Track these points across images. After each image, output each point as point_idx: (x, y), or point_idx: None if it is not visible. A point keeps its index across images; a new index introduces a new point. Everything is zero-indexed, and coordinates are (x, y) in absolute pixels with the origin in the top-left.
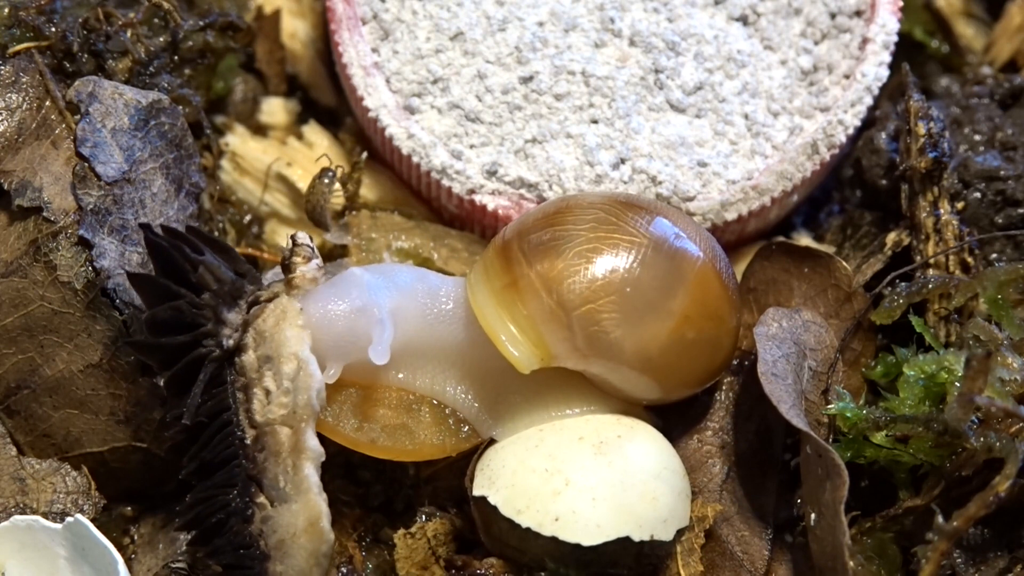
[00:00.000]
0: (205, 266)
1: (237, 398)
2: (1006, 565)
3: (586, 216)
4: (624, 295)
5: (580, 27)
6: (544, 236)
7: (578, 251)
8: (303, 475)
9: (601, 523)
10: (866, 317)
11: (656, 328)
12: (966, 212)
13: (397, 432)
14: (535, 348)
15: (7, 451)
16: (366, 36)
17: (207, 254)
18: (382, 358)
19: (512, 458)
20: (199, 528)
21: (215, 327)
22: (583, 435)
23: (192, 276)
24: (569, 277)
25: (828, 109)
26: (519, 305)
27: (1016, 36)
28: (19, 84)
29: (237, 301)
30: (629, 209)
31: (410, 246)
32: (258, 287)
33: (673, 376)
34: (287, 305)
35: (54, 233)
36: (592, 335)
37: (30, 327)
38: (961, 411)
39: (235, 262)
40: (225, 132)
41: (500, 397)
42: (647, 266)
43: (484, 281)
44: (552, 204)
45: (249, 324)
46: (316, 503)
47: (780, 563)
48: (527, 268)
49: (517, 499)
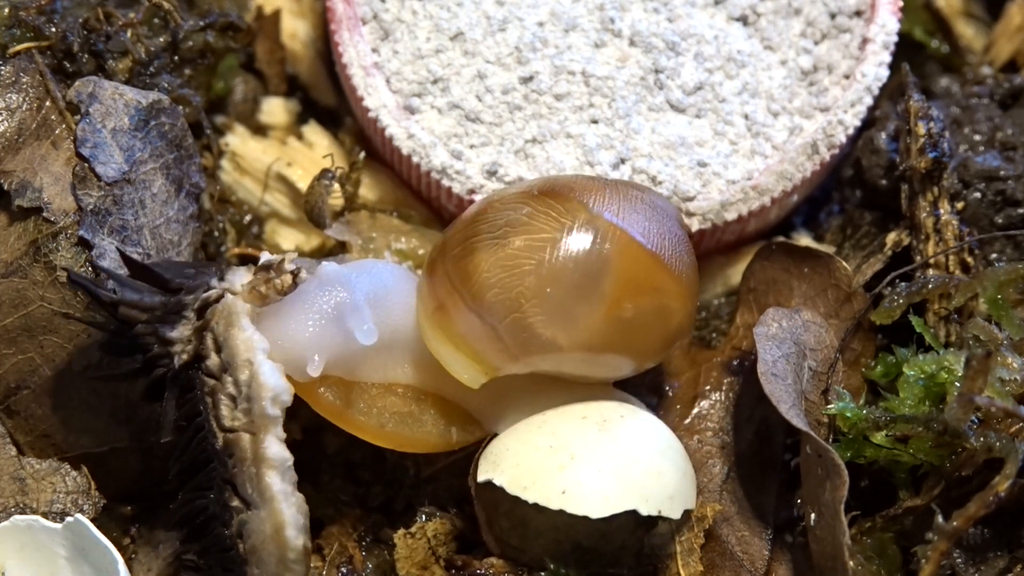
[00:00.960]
0: (124, 304)
1: (206, 403)
2: (1006, 565)
3: (499, 220)
4: (545, 296)
5: (580, 27)
6: (461, 251)
7: (492, 261)
8: (265, 483)
9: (608, 495)
10: (866, 317)
11: (588, 318)
12: (966, 212)
13: (405, 420)
14: (476, 364)
15: (7, 451)
16: (366, 36)
17: (125, 292)
18: (369, 338)
19: (516, 441)
20: (187, 528)
21: (162, 348)
22: (586, 415)
23: (116, 315)
24: (489, 290)
25: (828, 109)
26: (450, 326)
27: (1016, 36)
28: (19, 84)
29: (180, 314)
30: (542, 202)
31: (408, 248)
32: (203, 288)
33: (630, 349)
34: (232, 306)
35: (54, 233)
36: (524, 340)
37: (30, 327)
38: (961, 411)
39: (163, 282)
40: (225, 132)
41: (497, 392)
42: (563, 261)
43: (420, 305)
44: (470, 210)
45: (204, 329)
46: (279, 512)
47: (780, 563)
48: (451, 287)
49: (523, 476)
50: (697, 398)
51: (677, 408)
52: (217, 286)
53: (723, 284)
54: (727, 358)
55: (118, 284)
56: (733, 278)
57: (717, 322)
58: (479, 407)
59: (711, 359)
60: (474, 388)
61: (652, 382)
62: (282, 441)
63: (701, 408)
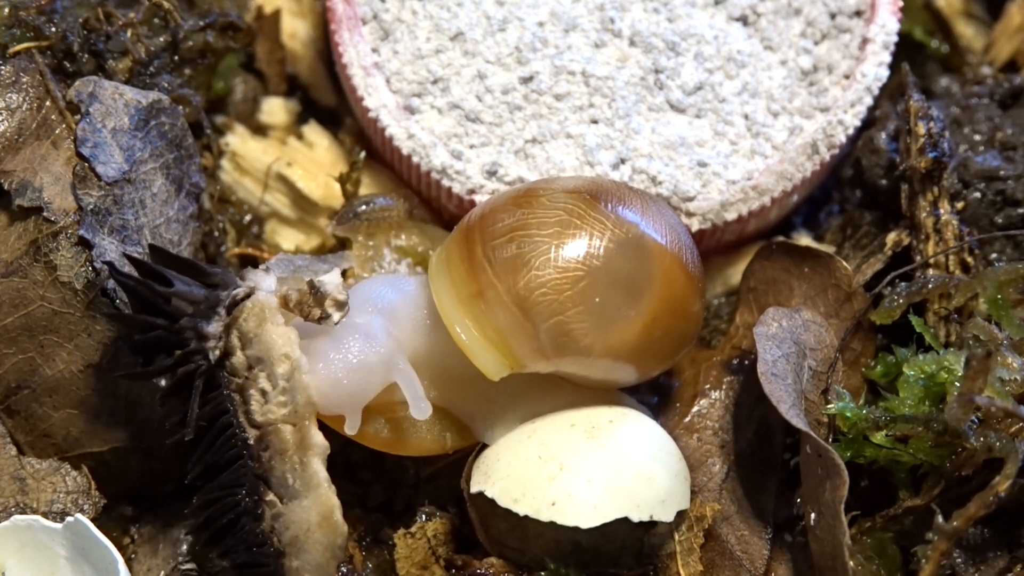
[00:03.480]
0: (177, 296)
1: (234, 400)
2: (1006, 565)
3: (550, 217)
4: (593, 305)
5: (580, 27)
6: (507, 241)
7: (544, 259)
8: (312, 471)
9: (598, 504)
10: (866, 317)
11: (625, 330)
12: (966, 212)
13: (400, 424)
14: (504, 358)
15: (7, 451)
16: (366, 36)
17: (176, 283)
18: (423, 414)
19: (506, 451)
20: (210, 529)
21: (199, 344)
22: (575, 422)
23: (167, 308)
24: (537, 289)
25: (828, 109)
26: (487, 317)
27: (1016, 36)
28: (19, 84)
29: (215, 311)
30: (593, 208)
31: (408, 244)
32: (233, 287)
33: (646, 362)
34: (264, 303)
35: (54, 233)
36: (562, 344)
37: (30, 327)
38: (961, 411)
39: (203, 275)
40: (225, 132)
41: (487, 400)
42: (614, 273)
43: (450, 288)
44: (513, 195)
45: (231, 327)
46: (327, 496)
47: (780, 563)
48: (493, 278)
49: (513, 488)
50: (697, 397)
51: (677, 407)
52: (243, 285)
53: (723, 284)
54: (727, 357)
55: (170, 276)
56: (733, 278)
57: (717, 322)
58: (471, 413)
59: (711, 358)
60: (494, 380)
61: (651, 381)
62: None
63: (701, 407)
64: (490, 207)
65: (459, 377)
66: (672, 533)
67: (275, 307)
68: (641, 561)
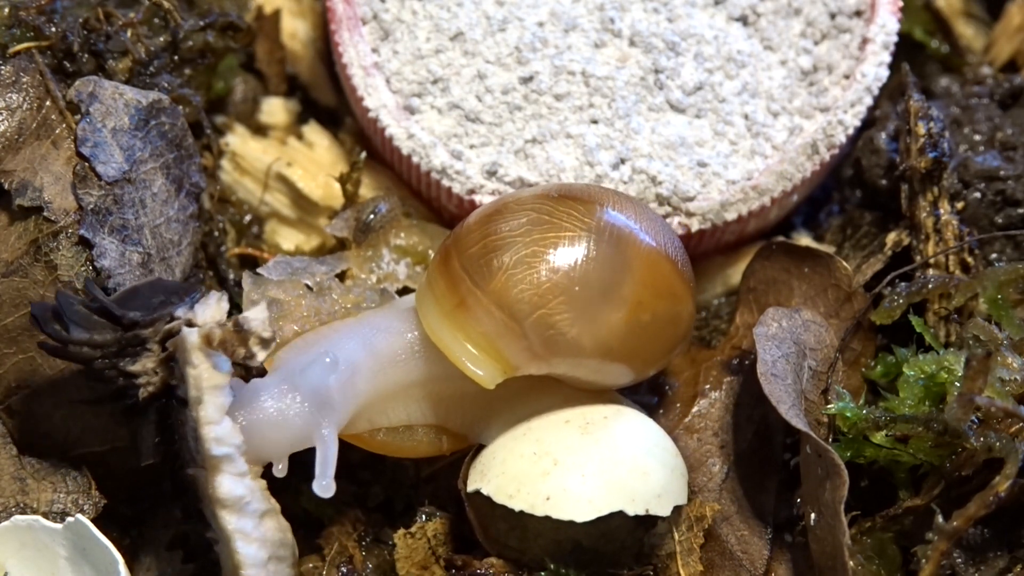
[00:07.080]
0: (73, 343)
1: (181, 433)
2: (1006, 565)
3: (519, 219)
4: (573, 293)
5: (580, 27)
6: (481, 248)
7: (518, 258)
8: (220, 524)
9: (592, 498)
10: (866, 317)
11: (611, 318)
12: (966, 212)
13: (396, 429)
14: (495, 363)
15: (7, 451)
16: (366, 36)
17: (72, 330)
18: (325, 492)
19: (501, 449)
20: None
21: (126, 381)
22: (569, 419)
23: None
24: (515, 287)
25: (828, 109)
26: (472, 324)
27: (1016, 36)
28: (19, 84)
29: (144, 347)
30: (562, 203)
31: (408, 244)
32: (167, 317)
33: (638, 358)
34: (184, 340)
35: (55, 233)
36: (549, 339)
37: (31, 327)
38: (961, 411)
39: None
40: (225, 132)
41: (481, 409)
42: (591, 259)
43: (433, 304)
44: (484, 210)
45: (171, 360)
46: (236, 551)
47: (780, 563)
48: (472, 285)
49: (508, 485)
50: (697, 397)
51: (677, 407)
52: (182, 316)
53: (723, 284)
54: (727, 358)
55: (70, 323)
56: (733, 278)
57: (717, 322)
58: (462, 428)
59: (711, 358)
60: (490, 388)
61: (651, 381)
62: (240, 476)
63: (701, 407)
64: (464, 226)
65: (454, 396)
66: (672, 533)
67: (192, 345)
68: (641, 561)
